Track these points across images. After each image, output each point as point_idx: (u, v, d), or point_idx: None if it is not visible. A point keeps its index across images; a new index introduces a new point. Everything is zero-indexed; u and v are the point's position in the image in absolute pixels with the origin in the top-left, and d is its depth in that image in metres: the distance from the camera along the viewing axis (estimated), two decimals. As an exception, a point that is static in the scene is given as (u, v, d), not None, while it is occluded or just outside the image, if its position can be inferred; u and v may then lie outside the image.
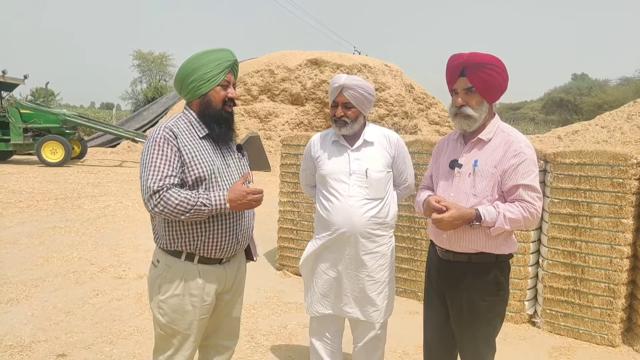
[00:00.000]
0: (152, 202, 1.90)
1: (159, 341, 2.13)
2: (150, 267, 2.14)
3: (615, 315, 3.55)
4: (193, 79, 2.04)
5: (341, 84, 2.47)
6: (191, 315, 2.06)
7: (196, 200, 1.91)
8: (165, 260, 2.06)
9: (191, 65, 2.05)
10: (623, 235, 3.49)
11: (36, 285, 4.35)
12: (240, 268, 2.26)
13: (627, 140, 10.35)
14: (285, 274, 5.05)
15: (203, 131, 2.07)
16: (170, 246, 2.04)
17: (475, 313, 2.13)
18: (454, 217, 2.01)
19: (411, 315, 4.05)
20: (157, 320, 2.09)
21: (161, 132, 1.98)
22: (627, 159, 3.44)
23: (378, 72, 18.21)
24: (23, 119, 12.82)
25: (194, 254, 2.04)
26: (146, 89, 38.93)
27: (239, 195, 1.98)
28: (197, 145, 2.02)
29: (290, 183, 5.03)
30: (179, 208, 1.90)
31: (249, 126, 17.25)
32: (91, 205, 7.93)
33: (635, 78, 38.74)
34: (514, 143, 2.06)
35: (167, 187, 1.91)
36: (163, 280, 2.05)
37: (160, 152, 1.95)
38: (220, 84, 2.06)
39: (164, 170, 1.93)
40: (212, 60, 2.04)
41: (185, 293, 2.04)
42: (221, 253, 2.08)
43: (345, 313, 2.56)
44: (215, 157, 2.07)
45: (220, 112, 2.08)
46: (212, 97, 2.06)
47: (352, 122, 2.51)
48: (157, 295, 2.06)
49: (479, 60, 2.06)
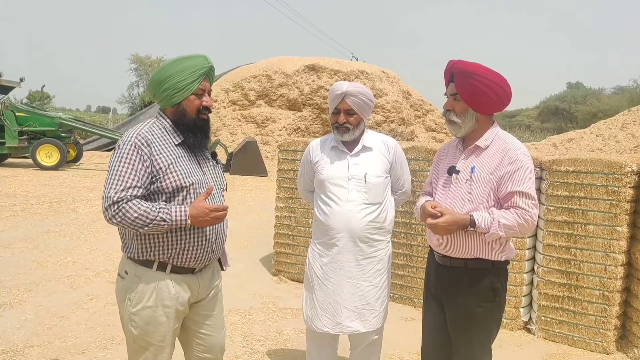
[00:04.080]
0: (110, 213, 1.84)
1: (132, 354, 2.05)
2: (117, 279, 2.05)
3: (609, 322, 3.56)
4: (166, 87, 1.97)
5: (344, 91, 2.49)
6: (165, 327, 1.99)
7: (156, 214, 1.84)
8: (135, 271, 1.97)
9: (164, 72, 1.98)
10: (617, 242, 3.51)
11: (30, 289, 4.32)
12: (214, 278, 2.18)
13: (622, 149, 10.42)
14: (281, 279, 5.03)
15: (178, 138, 2.01)
16: (142, 255, 1.96)
17: (472, 318, 2.13)
18: (449, 223, 2.02)
19: (407, 322, 4.05)
20: (129, 333, 2.01)
21: (133, 138, 1.90)
22: (622, 167, 3.46)
23: (375, 79, 18.30)
24: (18, 121, 12.78)
25: (166, 264, 1.97)
26: (143, 93, 38.87)
27: (201, 212, 1.90)
28: (173, 153, 1.96)
29: (287, 188, 5.03)
30: (137, 222, 1.83)
31: (246, 131, 17.27)
32: (86, 209, 7.89)
33: (629, 87, 39.03)
34: (511, 150, 2.07)
35: (128, 198, 1.84)
36: (133, 292, 1.97)
37: (127, 160, 1.87)
38: (194, 93, 2.00)
39: (128, 180, 1.85)
40: (186, 68, 1.97)
41: (158, 304, 1.96)
42: (195, 262, 2.01)
43: (345, 328, 2.52)
44: (192, 165, 2.01)
45: (194, 120, 2.02)
46: (186, 106, 2.00)
47: (354, 129, 2.54)
48: (129, 308, 1.98)
49: (465, 68, 2.08)
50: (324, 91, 17.30)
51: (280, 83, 17.68)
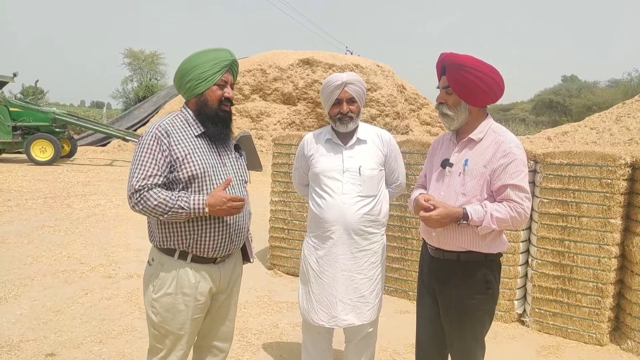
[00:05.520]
0: (133, 200, 1.93)
1: (152, 341, 2.12)
2: (146, 266, 2.13)
3: (603, 314, 3.59)
4: (190, 78, 2.05)
5: (344, 80, 2.51)
6: (184, 315, 2.05)
7: (174, 202, 1.92)
8: (159, 259, 2.06)
9: (189, 64, 2.06)
10: (611, 235, 3.53)
11: (25, 284, 4.32)
12: (235, 269, 2.25)
13: (616, 142, 10.47)
14: (276, 273, 5.04)
15: (199, 129, 2.07)
16: (164, 244, 2.03)
17: (465, 311, 2.14)
18: (442, 215, 2.03)
19: (402, 315, 4.07)
20: (150, 320, 2.08)
21: (154, 130, 1.99)
22: (616, 159, 3.48)
23: (370, 72, 18.24)
24: (12, 117, 12.68)
25: (187, 253, 2.04)
26: (137, 88, 38.67)
27: (219, 201, 1.96)
28: (191, 144, 2.03)
29: (282, 182, 5.03)
30: (157, 209, 1.92)
31: (241, 125, 17.21)
32: (81, 204, 7.87)
33: (624, 80, 39.11)
34: (504, 143, 2.08)
35: (149, 186, 1.92)
36: (156, 278, 2.04)
37: (148, 150, 1.96)
38: (216, 84, 2.07)
39: (148, 169, 1.94)
40: (210, 60, 2.05)
41: (177, 292, 2.03)
42: (214, 252, 2.07)
43: (340, 321, 2.53)
44: (210, 156, 2.06)
45: (216, 111, 2.08)
46: (208, 97, 2.07)
47: (357, 117, 2.57)
48: (151, 294, 2.05)
49: (456, 61, 2.09)
50: (319, 85, 17.25)
51: (274, 77, 17.60)
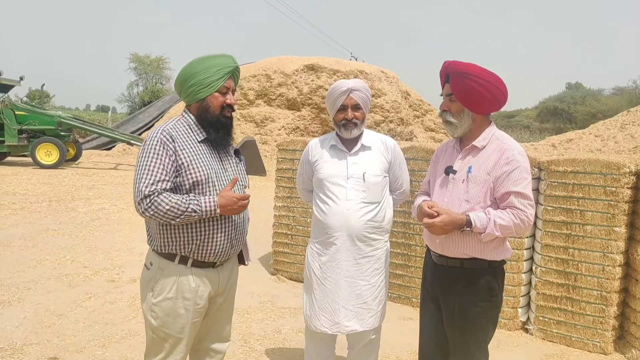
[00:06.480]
0: (143, 206, 1.92)
1: (150, 344, 2.12)
2: (143, 270, 2.14)
3: (607, 322, 3.57)
4: (192, 83, 2.05)
5: (349, 87, 2.52)
6: (184, 318, 2.06)
7: (187, 206, 1.93)
8: (159, 263, 2.06)
9: (191, 69, 2.06)
10: (615, 243, 3.51)
11: (28, 287, 4.33)
12: (232, 272, 2.26)
13: (621, 149, 10.43)
14: (279, 278, 5.04)
15: (201, 135, 2.08)
16: (164, 249, 2.04)
17: (468, 318, 2.14)
18: (445, 222, 2.04)
19: (405, 321, 4.05)
20: (149, 323, 2.08)
21: (159, 134, 1.99)
22: (620, 167, 3.47)
23: (374, 79, 18.27)
24: (18, 120, 12.75)
25: (187, 257, 2.04)
26: (142, 92, 38.85)
27: (230, 201, 1.99)
28: (195, 149, 2.04)
29: (286, 188, 5.04)
30: (170, 214, 1.92)
31: (245, 131, 17.25)
32: (85, 207, 7.89)
33: (629, 88, 38.99)
34: (507, 150, 2.08)
35: (159, 191, 1.92)
36: (156, 283, 2.05)
37: (155, 155, 1.95)
38: (219, 90, 2.07)
39: (156, 174, 1.93)
40: (213, 66, 2.05)
41: (178, 296, 2.04)
42: (215, 257, 2.08)
43: (343, 328, 2.53)
44: (212, 161, 2.08)
45: (218, 117, 2.09)
46: (210, 103, 2.07)
47: (361, 124, 2.57)
48: (150, 299, 2.06)
49: (459, 69, 2.10)
50: (323, 91, 17.29)
51: (279, 82, 17.65)
